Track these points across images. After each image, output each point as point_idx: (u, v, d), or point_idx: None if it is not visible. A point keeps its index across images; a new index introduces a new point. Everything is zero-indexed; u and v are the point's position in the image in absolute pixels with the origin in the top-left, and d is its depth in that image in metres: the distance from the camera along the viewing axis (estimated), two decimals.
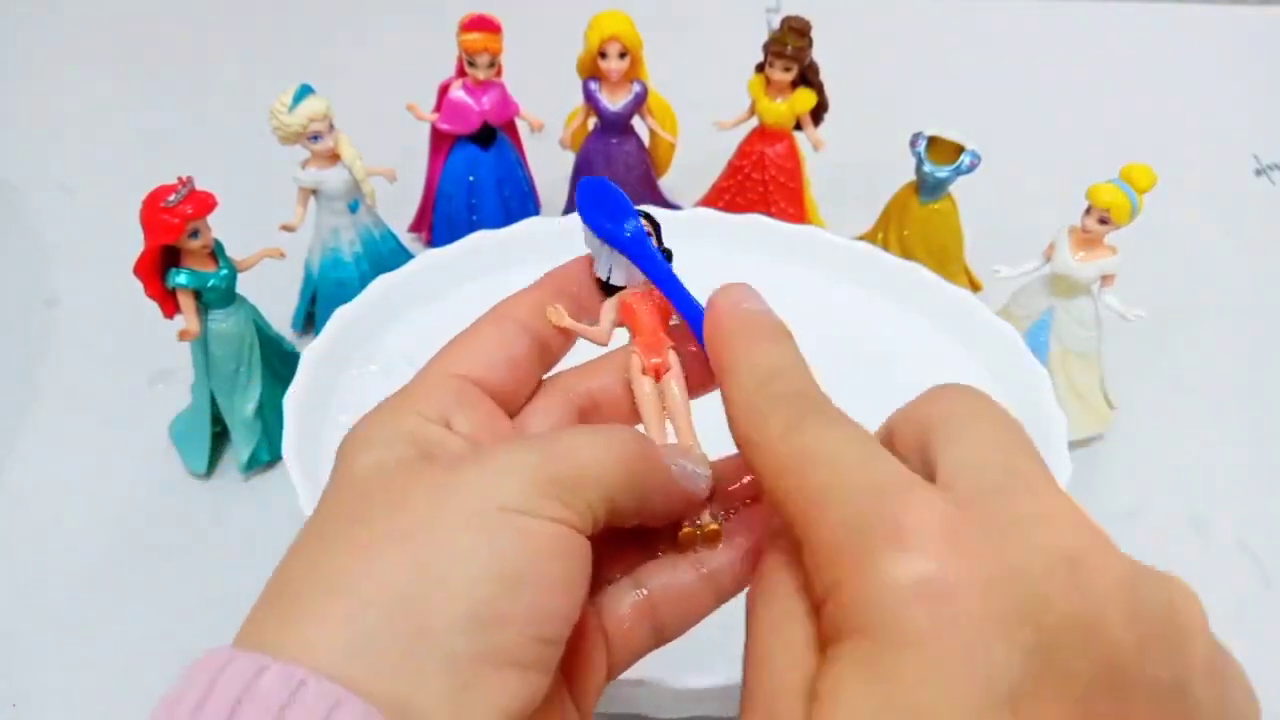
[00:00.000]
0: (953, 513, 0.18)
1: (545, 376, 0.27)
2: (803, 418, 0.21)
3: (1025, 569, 0.18)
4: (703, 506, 0.25)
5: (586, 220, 0.26)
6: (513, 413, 0.26)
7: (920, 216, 0.55)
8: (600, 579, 0.26)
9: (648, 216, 0.27)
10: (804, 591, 0.21)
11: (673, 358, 0.27)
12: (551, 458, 0.22)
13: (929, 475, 0.20)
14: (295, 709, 0.17)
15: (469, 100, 0.56)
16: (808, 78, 0.55)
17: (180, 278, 0.43)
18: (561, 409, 0.26)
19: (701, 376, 0.27)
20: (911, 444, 0.22)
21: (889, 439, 0.23)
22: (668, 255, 0.28)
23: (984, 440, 0.20)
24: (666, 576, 0.25)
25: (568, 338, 0.27)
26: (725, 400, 0.23)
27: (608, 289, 0.28)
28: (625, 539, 0.26)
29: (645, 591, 0.25)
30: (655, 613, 0.25)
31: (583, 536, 0.22)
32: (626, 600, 0.25)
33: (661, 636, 0.26)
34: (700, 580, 0.25)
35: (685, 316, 0.26)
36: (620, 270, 0.27)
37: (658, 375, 0.27)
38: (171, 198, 0.41)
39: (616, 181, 0.28)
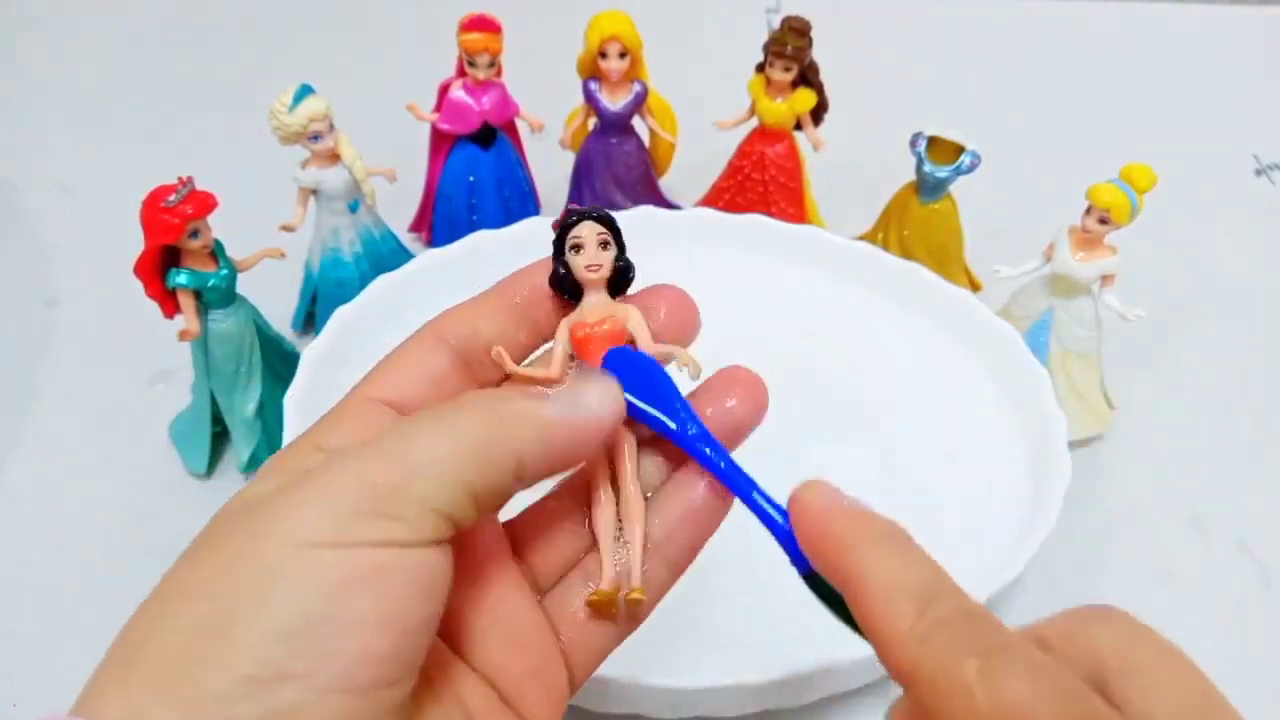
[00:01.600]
0: None
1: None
2: (997, 660, 0.18)
3: None
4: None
5: (637, 414, 0.24)
6: None
7: (920, 216, 0.55)
8: (546, 578, 0.25)
9: (605, 218, 0.26)
10: None
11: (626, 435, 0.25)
12: (370, 470, 0.20)
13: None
14: None
15: (469, 100, 0.56)
16: (808, 78, 0.55)
17: (180, 278, 0.43)
18: None
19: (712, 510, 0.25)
20: (1077, 670, 0.20)
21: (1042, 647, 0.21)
22: (628, 269, 0.26)
23: (1185, 695, 0.19)
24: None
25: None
26: (873, 625, 0.20)
27: (562, 290, 0.26)
28: (563, 533, 0.26)
29: (596, 584, 0.24)
30: None
31: (421, 549, 0.20)
32: (577, 596, 0.25)
33: (627, 624, 0.25)
34: (651, 557, 0.25)
35: (760, 516, 0.23)
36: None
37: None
38: (171, 198, 0.41)
39: (616, 181, 0.27)
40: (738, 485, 0.24)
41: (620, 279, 0.26)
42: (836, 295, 0.52)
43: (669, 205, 0.61)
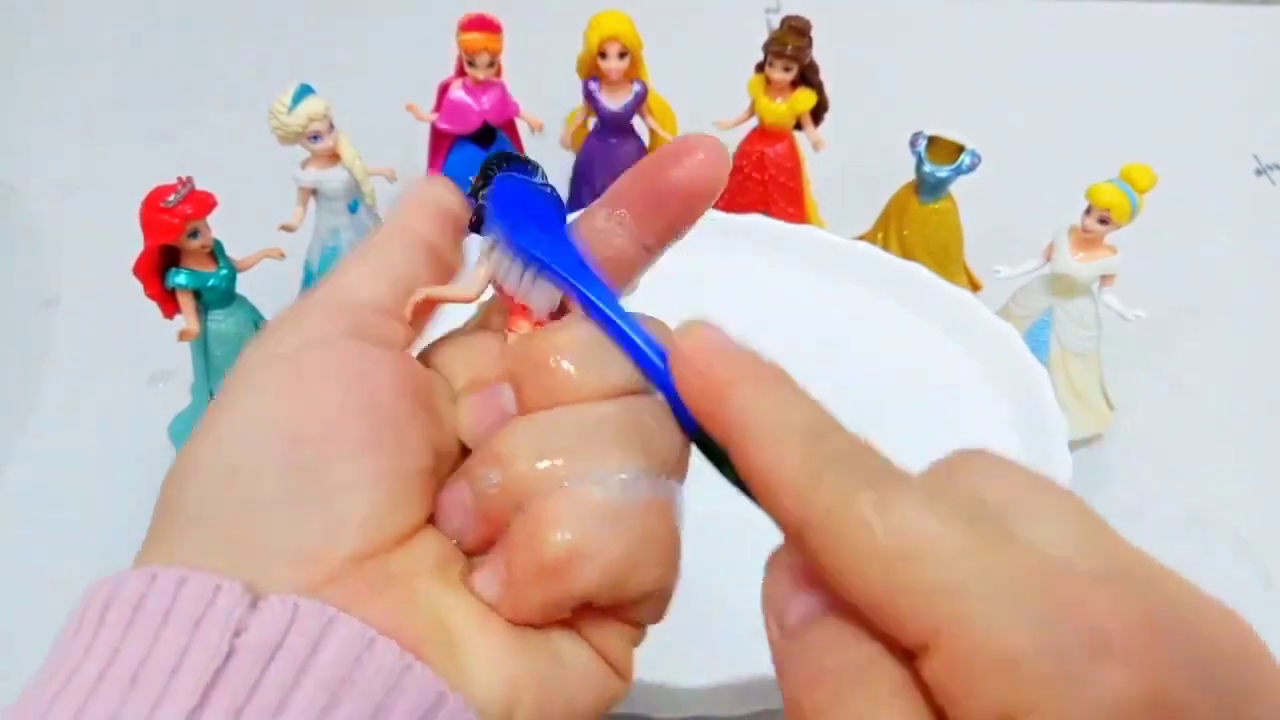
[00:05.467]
0: (1148, 609, 0.16)
1: None
2: (893, 492, 0.17)
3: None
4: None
5: (508, 232, 0.22)
6: None
7: (920, 216, 0.55)
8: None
9: (523, 161, 0.24)
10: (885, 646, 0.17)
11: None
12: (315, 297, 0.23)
13: None
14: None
15: (469, 100, 0.56)
16: (808, 78, 0.55)
17: (180, 278, 0.43)
18: None
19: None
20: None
21: None
22: (554, 195, 0.24)
23: (1072, 523, 0.18)
24: None
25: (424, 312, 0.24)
26: (756, 470, 0.19)
27: (476, 228, 0.24)
28: None
29: None
30: None
31: (373, 346, 0.22)
32: None
33: None
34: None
35: (638, 360, 0.22)
36: (538, 295, 0.23)
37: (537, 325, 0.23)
38: (171, 198, 0.41)
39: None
40: (616, 329, 0.22)
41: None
42: (836, 295, 0.52)
43: None
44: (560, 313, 0.23)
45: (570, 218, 0.25)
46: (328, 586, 0.19)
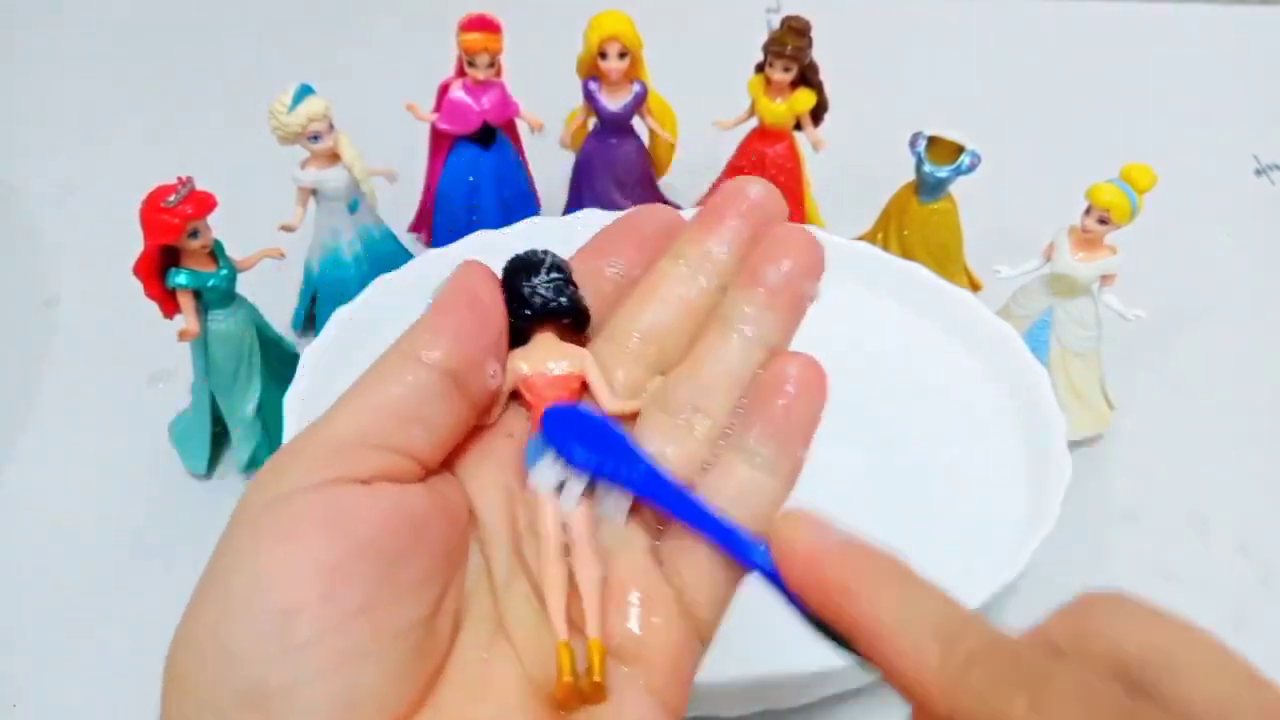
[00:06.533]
0: None
1: None
2: (1046, 694, 0.17)
3: None
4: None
5: (577, 464, 0.22)
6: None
7: (920, 216, 0.55)
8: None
9: (559, 267, 0.24)
10: None
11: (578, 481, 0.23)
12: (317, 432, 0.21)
13: None
14: None
15: (469, 100, 0.56)
16: (808, 78, 0.55)
17: (180, 278, 0.43)
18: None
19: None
20: (1104, 674, 0.18)
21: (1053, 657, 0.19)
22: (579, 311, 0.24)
23: (1225, 676, 0.17)
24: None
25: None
26: (898, 675, 0.19)
27: (516, 335, 0.24)
28: None
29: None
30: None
31: (380, 484, 0.20)
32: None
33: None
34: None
35: (735, 555, 0.22)
36: (611, 503, 0.23)
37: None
38: (171, 198, 0.41)
39: (616, 181, 0.26)
40: (712, 528, 0.22)
41: (574, 322, 0.24)
42: (836, 295, 0.52)
43: (669, 205, 0.61)
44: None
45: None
46: None
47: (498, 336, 0.23)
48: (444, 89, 0.57)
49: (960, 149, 0.52)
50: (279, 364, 0.48)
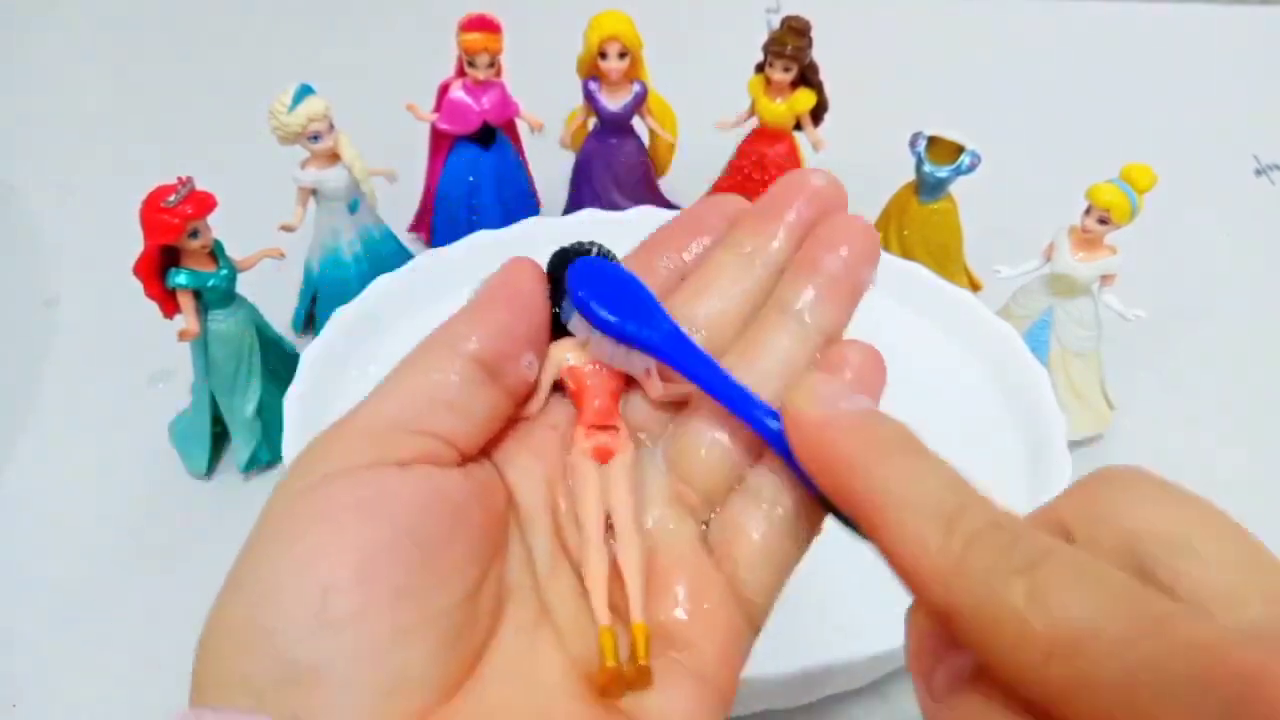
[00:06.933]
0: None
1: None
2: (1044, 576, 0.16)
3: None
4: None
5: (597, 320, 0.22)
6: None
7: (920, 216, 0.55)
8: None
9: (599, 250, 0.24)
10: None
11: (625, 441, 0.22)
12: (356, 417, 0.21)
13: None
14: None
15: (469, 100, 0.56)
16: (808, 78, 0.55)
17: (180, 278, 0.43)
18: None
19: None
20: (1111, 554, 0.18)
21: (1061, 536, 0.19)
22: (629, 274, 0.23)
23: (1234, 558, 0.17)
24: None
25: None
26: (893, 553, 0.18)
27: (557, 327, 0.23)
28: None
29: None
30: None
31: (419, 467, 0.20)
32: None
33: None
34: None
35: (756, 427, 0.21)
36: (624, 359, 0.22)
37: (604, 458, 0.22)
38: (171, 198, 0.41)
39: (616, 181, 0.26)
40: (730, 395, 0.21)
41: None
42: None
43: (669, 205, 0.61)
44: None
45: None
46: None
47: (537, 329, 0.22)
48: (444, 89, 0.57)
49: (960, 149, 0.52)
50: (279, 364, 0.48)
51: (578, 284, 0.22)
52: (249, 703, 0.18)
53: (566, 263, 0.23)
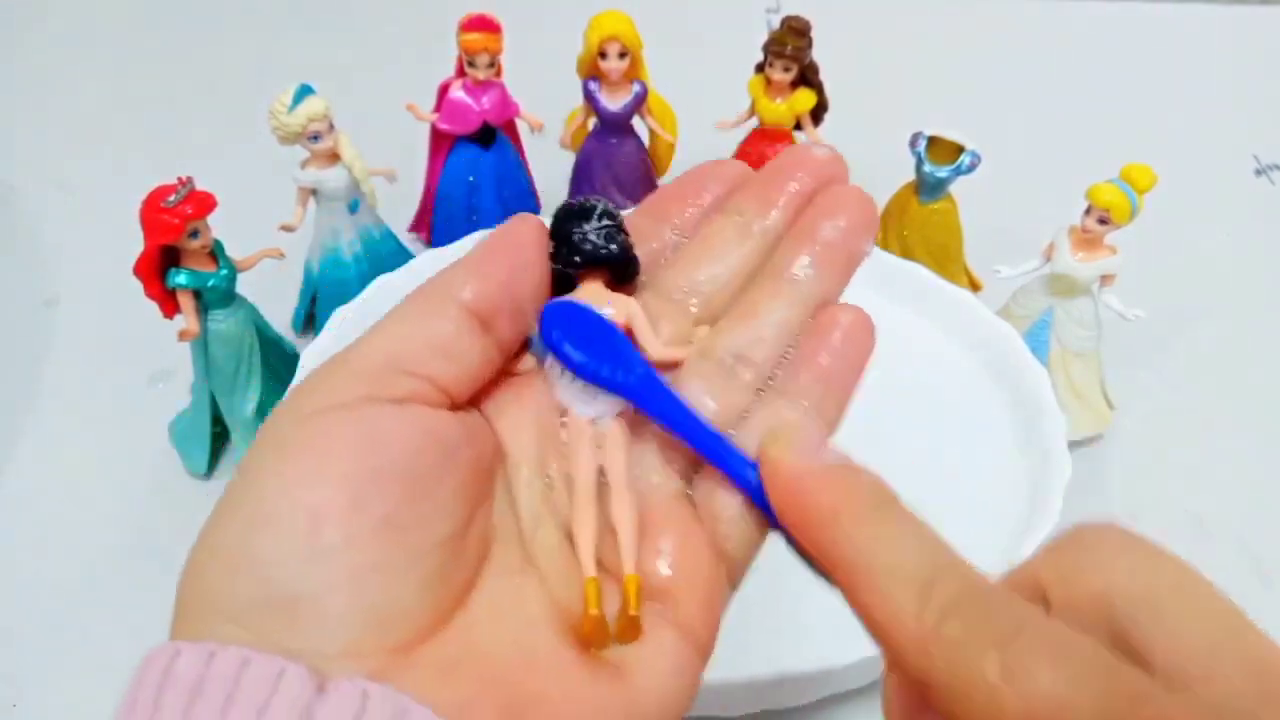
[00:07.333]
0: None
1: None
2: (1018, 650, 0.16)
3: None
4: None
5: (570, 363, 0.22)
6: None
7: (920, 216, 0.55)
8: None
9: (610, 215, 0.23)
10: None
11: (617, 424, 0.22)
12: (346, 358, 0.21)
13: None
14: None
15: (469, 100, 0.56)
16: (808, 78, 0.55)
17: (180, 278, 0.43)
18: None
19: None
20: (1086, 616, 0.18)
21: (1037, 597, 0.19)
22: (632, 264, 0.23)
23: (1211, 629, 0.17)
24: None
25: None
26: (867, 615, 0.18)
27: (564, 282, 0.23)
28: None
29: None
30: None
31: (408, 406, 0.20)
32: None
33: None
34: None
35: (732, 475, 0.22)
36: (595, 406, 0.22)
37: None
38: (171, 198, 0.41)
39: (616, 181, 0.26)
40: (704, 441, 0.22)
41: (623, 270, 0.24)
42: None
43: None
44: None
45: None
46: (389, 674, 0.18)
47: (534, 284, 0.23)
48: (444, 89, 0.57)
49: (960, 149, 0.52)
50: (279, 364, 0.48)
51: (551, 326, 0.22)
52: (230, 628, 0.18)
53: (570, 218, 0.23)
